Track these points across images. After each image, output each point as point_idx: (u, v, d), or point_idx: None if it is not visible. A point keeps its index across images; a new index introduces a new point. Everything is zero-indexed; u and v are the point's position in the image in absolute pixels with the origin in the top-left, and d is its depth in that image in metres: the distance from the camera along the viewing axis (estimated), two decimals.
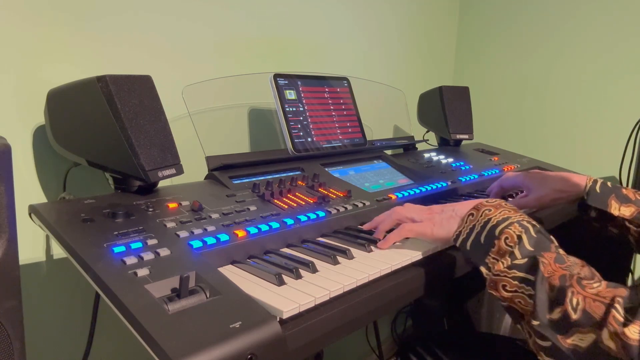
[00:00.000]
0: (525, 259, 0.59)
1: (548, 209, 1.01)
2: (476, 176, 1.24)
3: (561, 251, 0.60)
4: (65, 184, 0.90)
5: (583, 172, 1.45)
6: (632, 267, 1.50)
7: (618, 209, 0.87)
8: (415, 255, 0.72)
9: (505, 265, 0.60)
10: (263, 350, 0.47)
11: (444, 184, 1.12)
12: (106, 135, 0.73)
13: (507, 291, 0.59)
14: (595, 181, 0.91)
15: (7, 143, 0.53)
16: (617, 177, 1.48)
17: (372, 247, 0.75)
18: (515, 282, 0.58)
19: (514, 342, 0.96)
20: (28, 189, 0.87)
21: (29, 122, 0.87)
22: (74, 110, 0.77)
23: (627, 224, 0.87)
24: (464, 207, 0.70)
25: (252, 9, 1.22)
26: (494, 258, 0.62)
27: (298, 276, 0.61)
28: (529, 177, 0.99)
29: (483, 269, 0.63)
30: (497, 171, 1.32)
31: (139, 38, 1.00)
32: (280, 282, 0.59)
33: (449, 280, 0.76)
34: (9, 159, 0.52)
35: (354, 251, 0.72)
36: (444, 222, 0.70)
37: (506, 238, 0.61)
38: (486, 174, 1.28)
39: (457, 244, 0.68)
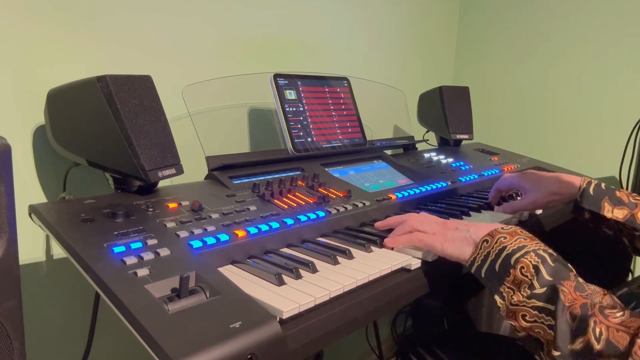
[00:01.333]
0: (544, 289, 0.58)
1: (548, 209, 1.01)
2: (476, 176, 1.24)
3: (580, 279, 0.60)
4: (65, 184, 0.90)
5: (583, 172, 1.45)
6: (632, 267, 1.50)
7: (611, 212, 0.87)
8: (415, 256, 0.72)
9: (524, 296, 0.59)
10: (263, 350, 0.47)
11: (444, 184, 1.12)
12: (106, 135, 0.73)
13: (526, 321, 0.59)
14: (589, 183, 0.91)
15: (7, 143, 0.53)
16: (617, 177, 1.48)
17: (372, 247, 0.75)
18: (535, 312, 0.58)
19: (514, 342, 0.96)
20: (28, 189, 0.87)
21: (29, 122, 0.87)
22: (74, 110, 0.77)
23: (620, 226, 0.87)
24: (479, 230, 0.69)
25: (252, 9, 1.22)
26: (509, 288, 0.61)
27: (298, 276, 0.61)
28: (524, 179, 1.00)
29: (497, 298, 0.62)
30: (497, 171, 1.32)
31: (139, 38, 1.00)
32: (280, 282, 0.59)
33: (449, 280, 0.76)
34: (9, 159, 0.52)
35: (354, 251, 0.72)
36: (457, 241, 0.70)
37: (522, 268, 0.60)
38: (486, 174, 1.28)
39: (472, 271, 0.67)
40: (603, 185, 0.90)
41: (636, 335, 0.50)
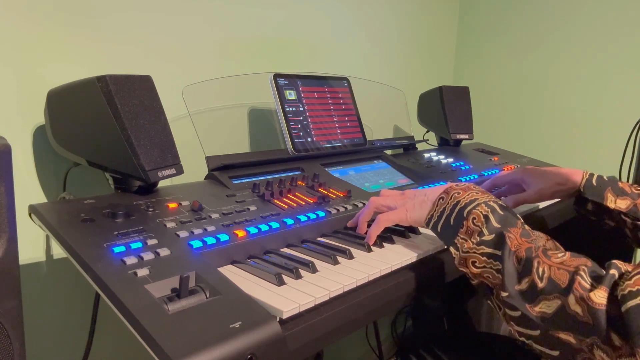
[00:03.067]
0: (493, 235, 0.61)
1: (548, 208, 1.01)
2: (476, 176, 1.24)
3: (527, 227, 0.63)
4: (65, 184, 0.90)
5: None
6: (633, 263, 1.50)
7: (614, 202, 0.88)
8: (415, 255, 0.72)
9: (474, 243, 0.62)
10: (263, 350, 0.47)
11: (444, 184, 1.12)
12: (106, 135, 0.73)
13: (476, 267, 0.62)
14: (591, 175, 0.92)
15: (7, 143, 0.53)
16: (617, 177, 1.48)
17: (372, 247, 0.75)
18: (484, 258, 0.61)
19: (514, 342, 0.96)
20: (28, 189, 0.87)
21: (29, 122, 0.87)
22: (74, 110, 0.77)
23: (623, 216, 0.87)
24: (435, 191, 0.73)
25: (252, 9, 1.22)
26: (462, 238, 0.64)
27: (298, 276, 0.61)
28: (527, 172, 1.00)
29: (452, 249, 0.66)
30: (497, 171, 1.32)
31: (140, 38, 1.00)
32: (280, 282, 0.59)
33: (449, 280, 0.76)
34: (9, 159, 0.52)
35: (354, 251, 0.72)
36: (417, 206, 0.73)
37: (474, 218, 0.64)
38: (486, 174, 1.28)
39: (429, 227, 0.71)
40: (605, 177, 0.91)
41: (576, 272, 0.53)
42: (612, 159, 1.55)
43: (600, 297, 0.50)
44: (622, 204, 0.87)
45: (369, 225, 0.78)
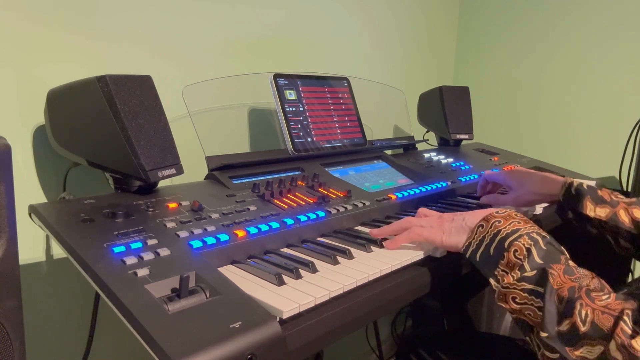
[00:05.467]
0: (535, 271, 0.59)
1: (548, 209, 1.01)
2: (476, 176, 1.24)
3: (571, 263, 0.61)
4: (65, 184, 0.90)
5: (583, 172, 1.46)
6: (632, 268, 1.50)
7: (594, 210, 0.87)
8: (415, 255, 0.72)
9: (514, 278, 0.60)
10: (263, 350, 0.47)
11: (444, 184, 1.12)
12: (106, 135, 0.73)
13: (516, 303, 0.60)
14: (571, 183, 0.91)
15: (7, 143, 0.53)
16: (617, 177, 1.48)
17: (372, 247, 0.75)
18: (525, 295, 0.59)
19: (514, 342, 0.96)
20: (28, 189, 0.87)
21: (29, 122, 0.87)
22: (74, 110, 0.77)
23: (603, 224, 0.87)
24: (474, 217, 0.70)
25: (252, 9, 1.22)
26: (503, 270, 0.62)
27: (298, 276, 0.61)
28: (509, 176, 1.01)
29: (492, 281, 0.63)
30: (496, 171, 1.32)
31: (140, 38, 1.00)
32: (280, 282, 0.59)
33: (448, 280, 0.76)
34: (9, 159, 0.52)
35: (354, 251, 0.72)
36: (454, 231, 0.71)
37: (515, 251, 0.61)
38: None
39: (467, 255, 0.68)
40: (585, 184, 0.91)
41: (620, 317, 0.51)
42: (612, 159, 1.55)
43: None
44: (601, 212, 0.87)
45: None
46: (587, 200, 0.88)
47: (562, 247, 0.63)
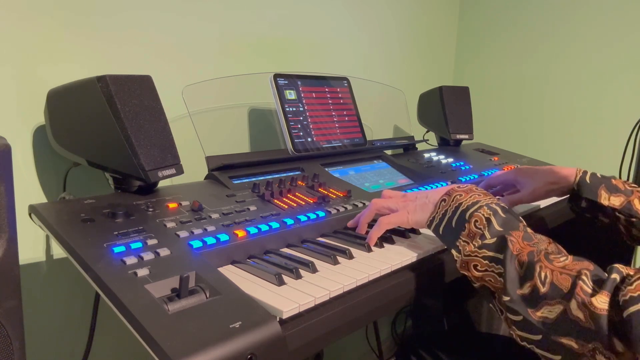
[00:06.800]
0: (494, 239, 0.61)
1: (547, 209, 1.01)
2: (476, 176, 1.24)
3: (529, 230, 0.63)
4: (65, 184, 0.90)
5: None
6: (631, 265, 1.50)
7: (608, 199, 0.88)
8: (415, 255, 0.72)
9: (475, 246, 0.62)
10: (263, 350, 0.47)
11: (444, 184, 1.12)
12: (106, 135, 0.73)
13: (478, 271, 0.62)
14: (585, 172, 0.92)
15: (7, 143, 0.53)
16: (617, 177, 1.48)
17: (372, 247, 0.75)
18: (486, 262, 0.61)
19: (514, 342, 0.96)
20: (28, 189, 0.87)
21: (29, 122, 0.87)
22: (74, 110, 0.77)
23: (617, 214, 0.87)
24: (436, 193, 0.72)
25: (252, 8, 1.22)
26: (464, 241, 0.64)
27: (298, 276, 0.61)
28: (520, 173, 1.00)
29: (454, 252, 0.65)
30: (497, 171, 1.32)
31: (140, 38, 1.00)
32: (280, 282, 0.59)
33: (449, 280, 0.76)
34: (9, 159, 0.52)
35: (354, 251, 0.72)
36: (418, 208, 0.73)
37: (476, 221, 0.63)
38: (486, 174, 1.28)
39: (431, 229, 0.71)
40: (599, 174, 0.91)
41: (578, 277, 0.52)
42: (612, 159, 1.55)
43: (602, 302, 0.49)
44: (615, 201, 0.87)
45: (369, 226, 0.78)
46: (601, 188, 0.89)
47: (520, 217, 0.65)
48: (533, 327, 0.55)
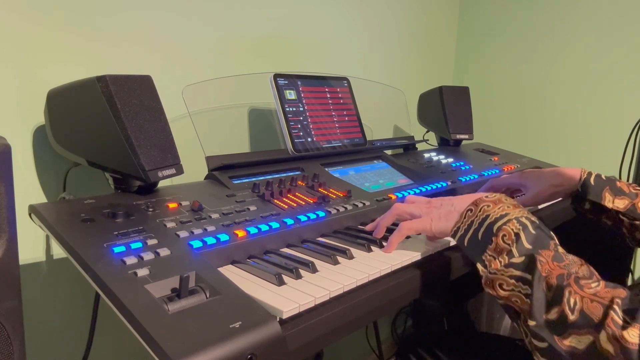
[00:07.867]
0: (523, 257, 0.57)
1: (547, 209, 1.01)
2: (476, 176, 1.24)
3: (560, 249, 0.59)
4: (65, 184, 0.90)
5: None
6: (632, 267, 1.50)
7: (612, 202, 0.87)
8: (415, 255, 0.72)
9: (502, 264, 0.58)
10: (263, 350, 0.47)
11: (444, 184, 1.12)
12: (106, 135, 0.73)
13: (503, 290, 0.58)
14: (589, 174, 0.91)
15: (7, 143, 0.53)
16: (617, 177, 1.48)
17: (372, 247, 0.75)
18: (512, 281, 0.57)
19: (514, 342, 0.96)
20: (28, 189, 0.87)
21: (29, 122, 0.87)
22: (74, 110, 0.77)
23: (620, 216, 0.87)
24: (463, 201, 0.68)
25: (252, 9, 1.22)
26: (490, 255, 0.60)
27: (298, 276, 0.61)
28: (524, 176, 0.99)
29: (479, 266, 0.62)
30: (497, 171, 1.32)
31: (140, 38, 1.00)
32: (280, 282, 0.59)
33: (449, 280, 0.76)
34: (9, 159, 0.52)
35: (354, 251, 0.72)
36: (442, 217, 0.69)
37: (504, 235, 0.60)
38: (486, 174, 1.28)
39: (455, 240, 0.67)
40: (603, 176, 0.91)
41: (609, 307, 0.49)
42: (612, 159, 1.55)
43: (634, 335, 0.47)
44: (620, 204, 0.87)
45: (387, 230, 0.76)
46: (605, 191, 0.88)
47: (552, 232, 0.62)
48: (559, 356, 0.52)
